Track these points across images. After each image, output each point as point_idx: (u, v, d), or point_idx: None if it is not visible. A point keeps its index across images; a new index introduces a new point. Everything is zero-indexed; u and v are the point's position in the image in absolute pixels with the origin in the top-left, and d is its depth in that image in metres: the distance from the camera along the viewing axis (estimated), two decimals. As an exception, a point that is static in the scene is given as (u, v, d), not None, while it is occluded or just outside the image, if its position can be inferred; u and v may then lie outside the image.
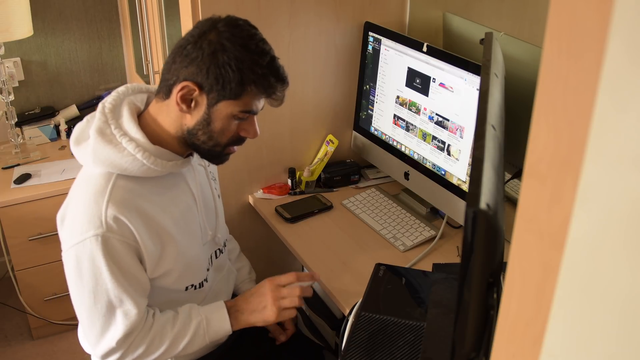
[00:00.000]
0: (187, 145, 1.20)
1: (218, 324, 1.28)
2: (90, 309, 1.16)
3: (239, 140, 1.22)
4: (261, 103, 1.17)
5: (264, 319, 1.30)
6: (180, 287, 1.28)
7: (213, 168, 1.45)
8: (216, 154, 1.22)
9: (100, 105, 1.18)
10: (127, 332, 1.18)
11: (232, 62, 1.09)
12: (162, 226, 1.18)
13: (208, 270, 1.35)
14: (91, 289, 1.14)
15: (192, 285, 1.30)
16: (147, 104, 1.23)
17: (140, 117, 1.20)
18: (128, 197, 1.14)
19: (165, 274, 1.23)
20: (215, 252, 1.40)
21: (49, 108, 2.46)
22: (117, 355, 1.20)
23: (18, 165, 2.25)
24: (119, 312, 1.16)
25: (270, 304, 1.28)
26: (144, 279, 1.19)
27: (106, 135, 1.14)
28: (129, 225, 1.12)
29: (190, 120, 1.16)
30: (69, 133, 2.43)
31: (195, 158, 1.30)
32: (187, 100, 1.13)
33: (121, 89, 1.23)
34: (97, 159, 1.14)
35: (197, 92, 1.12)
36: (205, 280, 1.34)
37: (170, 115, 1.17)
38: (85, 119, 1.22)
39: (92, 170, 1.16)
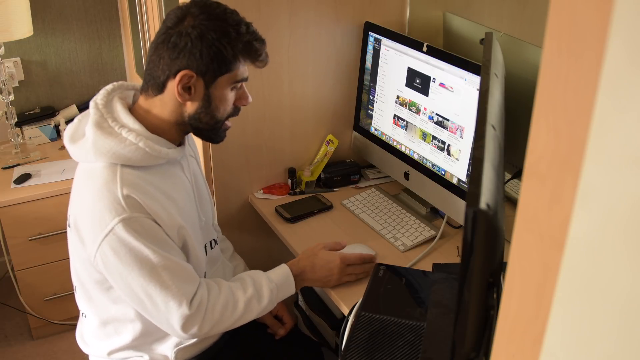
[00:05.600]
0: (186, 130, 1.23)
1: (287, 290, 1.34)
2: (147, 292, 1.15)
3: (234, 112, 1.26)
4: (247, 69, 1.22)
5: (323, 286, 1.41)
6: None
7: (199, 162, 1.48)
8: (216, 132, 1.25)
9: (92, 102, 1.20)
10: (190, 295, 1.18)
11: (221, 39, 1.13)
12: (168, 209, 1.19)
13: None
14: (139, 272, 1.13)
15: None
16: (134, 101, 1.25)
17: (131, 112, 1.21)
18: (136, 182, 1.15)
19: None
20: (210, 242, 1.40)
21: (49, 108, 2.46)
22: (195, 325, 1.19)
23: (18, 165, 2.25)
24: (173, 280, 1.15)
25: (335, 279, 1.39)
26: (178, 249, 1.20)
27: (105, 129, 1.16)
28: (143, 206, 1.13)
29: (191, 106, 1.18)
30: (65, 131, 2.43)
31: (187, 148, 1.33)
32: (186, 89, 1.16)
33: (109, 86, 1.25)
34: (98, 151, 1.15)
35: (194, 78, 1.15)
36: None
37: (167, 108, 1.19)
38: (76, 119, 1.25)
39: (93, 165, 1.17)
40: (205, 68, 1.14)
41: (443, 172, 1.57)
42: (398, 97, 1.68)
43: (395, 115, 1.71)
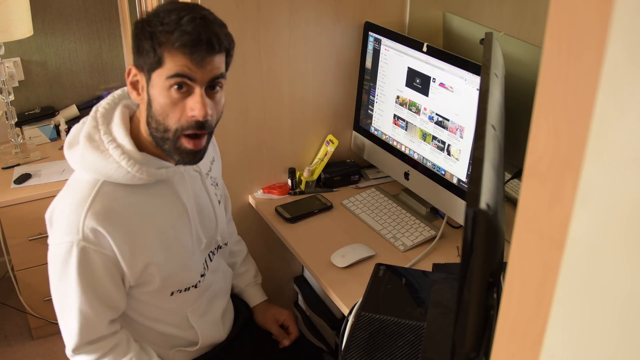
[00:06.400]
0: (162, 147, 1.14)
1: None
2: (61, 306, 1.20)
3: (188, 124, 1.09)
4: (192, 66, 1.05)
5: None
6: (164, 293, 1.26)
7: (214, 173, 1.40)
8: (173, 147, 1.11)
9: (93, 108, 1.17)
10: (87, 340, 1.19)
11: (144, 29, 1.07)
12: (144, 236, 1.16)
13: (203, 275, 1.32)
14: (63, 289, 1.18)
15: (178, 291, 1.27)
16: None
17: (132, 121, 1.18)
18: (110, 207, 1.12)
19: (146, 283, 1.21)
20: (209, 254, 1.36)
21: (49, 108, 2.46)
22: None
23: (18, 165, 2.25)
24: (82, 317, 1.17)
25: None
26: (114, 293, 1.18)
27: (94, 141, 1.13)
28: (107, 237, 1.11)
29: (144, 109, 1.13)
30: (69, 133, 2.43)
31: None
32: (136, 88, 1.13)
33: (117, 92, 1.21)
34: (84, 164, 1.13)
35: (138, 75, 1.11)
36: (194, 286, 1.30)
37: (141, 115, 1.15)
38: (81, 121, 1.21)
39: (81, 175, 1.16)
40: (138, 63, 1.09)
41: (443, 172, 1.57)
42: (398, 97, 1.68)
43: (395, 115, 1.71)
